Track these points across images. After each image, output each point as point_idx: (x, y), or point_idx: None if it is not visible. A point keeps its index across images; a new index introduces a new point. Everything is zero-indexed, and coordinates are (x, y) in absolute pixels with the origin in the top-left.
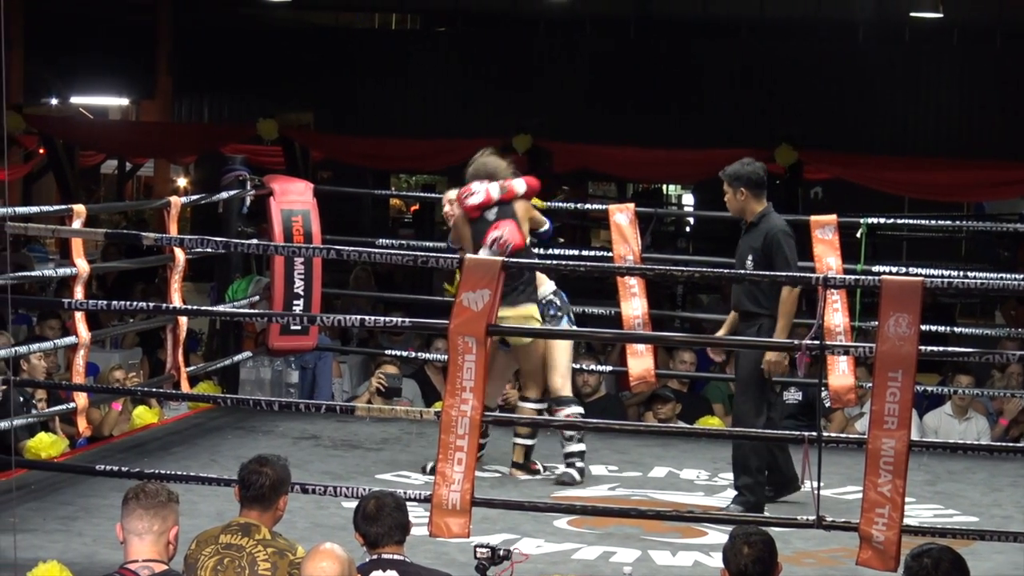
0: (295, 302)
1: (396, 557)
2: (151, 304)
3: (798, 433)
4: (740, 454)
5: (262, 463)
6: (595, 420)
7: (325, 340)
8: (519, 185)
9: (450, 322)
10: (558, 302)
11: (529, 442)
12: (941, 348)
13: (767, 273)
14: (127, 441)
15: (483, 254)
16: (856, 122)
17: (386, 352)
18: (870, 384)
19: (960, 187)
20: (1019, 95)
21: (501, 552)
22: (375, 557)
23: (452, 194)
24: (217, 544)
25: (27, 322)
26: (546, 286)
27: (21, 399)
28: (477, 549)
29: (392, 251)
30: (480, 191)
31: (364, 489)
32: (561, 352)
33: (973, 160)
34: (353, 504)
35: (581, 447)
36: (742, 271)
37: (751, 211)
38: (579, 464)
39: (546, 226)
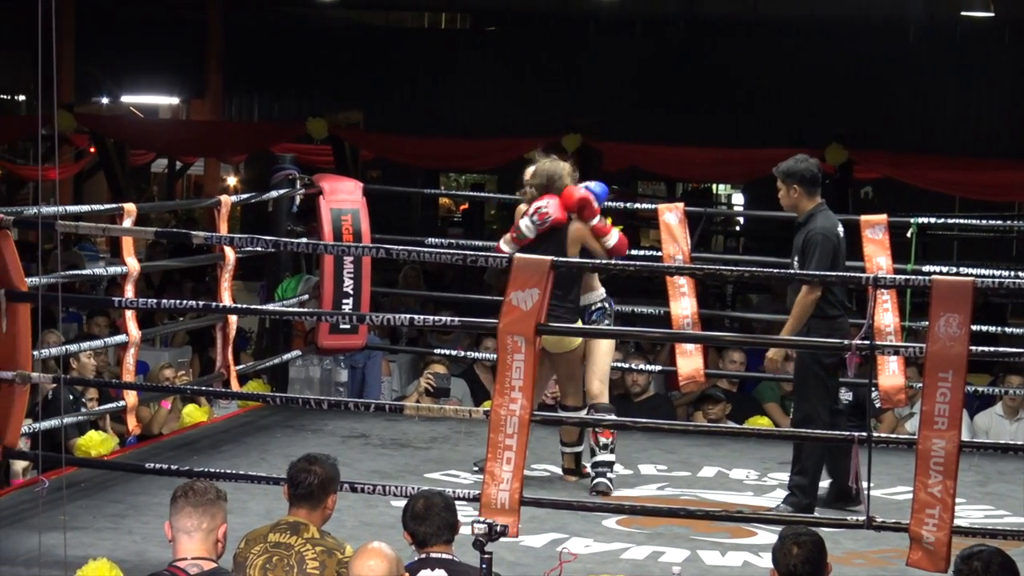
0: (344, 301)
1: (444, 556)
2: (201, 303)
3: (848, 433)
4: (798, 454)
5: (311, 462)
6: (644, 420)
7: (374, 339)
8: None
9: (499, 321)
10: (607, 307)
11: (578, 449)
12: (992, 348)
13: (816, 273)
14: (176, 439)
15: (522, 224)
16: (907, 121)
17: (435, 351)
18: (920, 384)
19: (1011, 186)
20: None
21: (498, 528)
22: (423, 556)
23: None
24: (266, 543)
25: (77, 320)
26: (595, 292)
27: (71, 397)
28: (475, 525)
29: (441, 250)
30: (552, 210)
31: (413, 488)
32: (601, 357)
33: None
34: (402, 503)
35: (612, 457)
36: (790, 271)
37: (803, 208)
38: (610, 474)
39: (612, 241)
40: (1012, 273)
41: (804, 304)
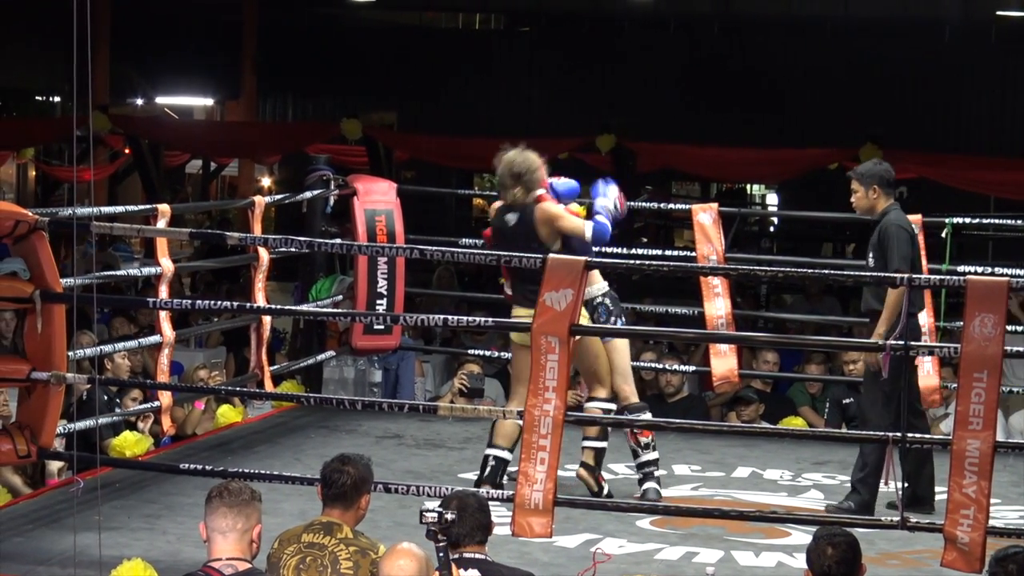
0: (378, 301)
1: (478, 556)
2: (235, 303)
3: (881, 434)
4: (864, 450)
5: (344, 462)
6: (678, 420)
7: (408, 340)
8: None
9: (533, 322)
10: (609, 304)
11: (599, 444)
12: None
13: (850, 274)
14: (211, 440)
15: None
16: (941, 121)
17: (469, 352)
18: (955, 385)
19: None
20: None
21: (448, 516)
22: (457, 556)
23: None
24: (299, 543)
25: (108, 321)
26: (595, 287)
27: (105, 398)
28: (424, 513)
29: (475, 251)
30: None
31: (447, 489)
32: (620, 356)
33: None
34: (435, 503)
35: (655, 455)
36: (823, 271)
37: (878, 209)
38: (656, 474)
39: (587, 234)
40: None
41: (895, 297)
